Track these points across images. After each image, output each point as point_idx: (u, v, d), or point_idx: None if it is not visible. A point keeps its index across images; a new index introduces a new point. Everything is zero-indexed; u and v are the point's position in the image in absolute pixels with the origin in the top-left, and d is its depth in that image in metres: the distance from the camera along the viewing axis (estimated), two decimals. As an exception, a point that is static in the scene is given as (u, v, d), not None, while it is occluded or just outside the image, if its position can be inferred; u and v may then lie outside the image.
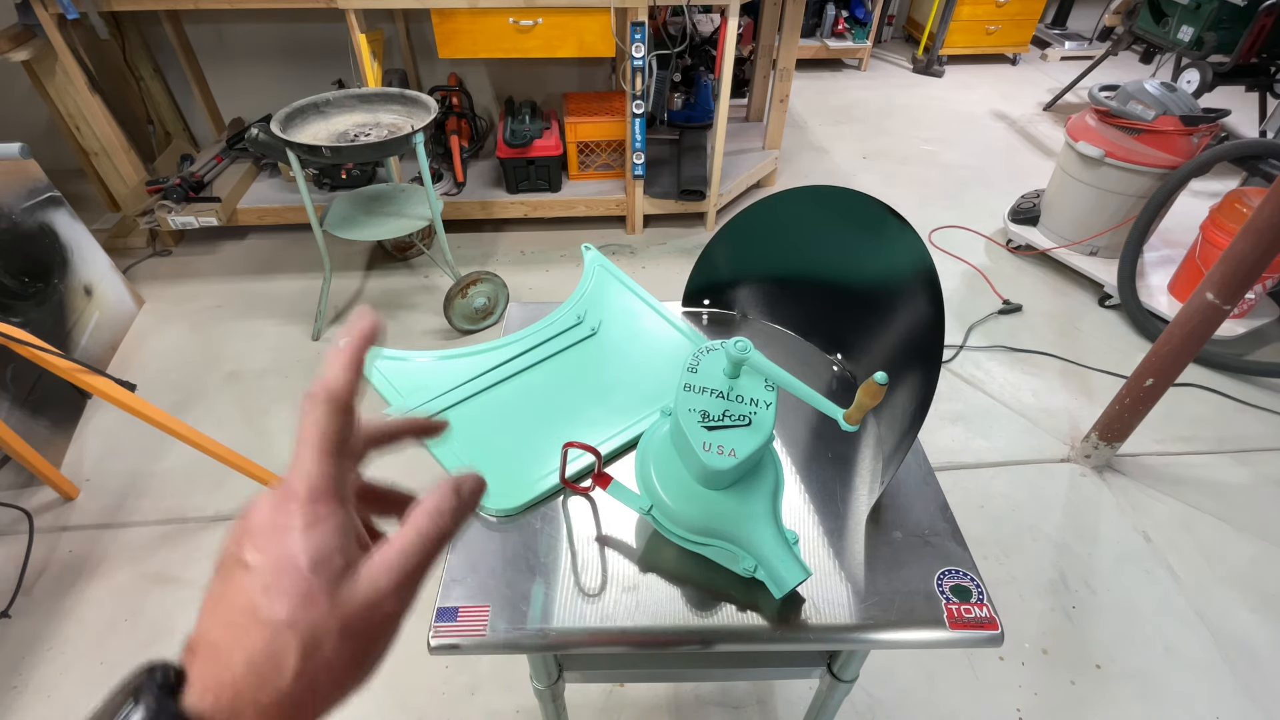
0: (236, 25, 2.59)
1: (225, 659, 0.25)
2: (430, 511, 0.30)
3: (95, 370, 1.34)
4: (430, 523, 0.29)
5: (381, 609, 0.27)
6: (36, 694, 1.29)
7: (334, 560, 0.27)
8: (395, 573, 0.28)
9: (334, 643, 0.26)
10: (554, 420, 0.77)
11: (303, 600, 0.26)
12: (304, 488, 0.27)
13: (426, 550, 0.29)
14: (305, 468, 0.28)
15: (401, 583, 0.28)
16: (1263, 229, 1.31)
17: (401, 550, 0.28)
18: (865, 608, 0.61)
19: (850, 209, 0.76)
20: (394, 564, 0.28)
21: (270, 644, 0.25)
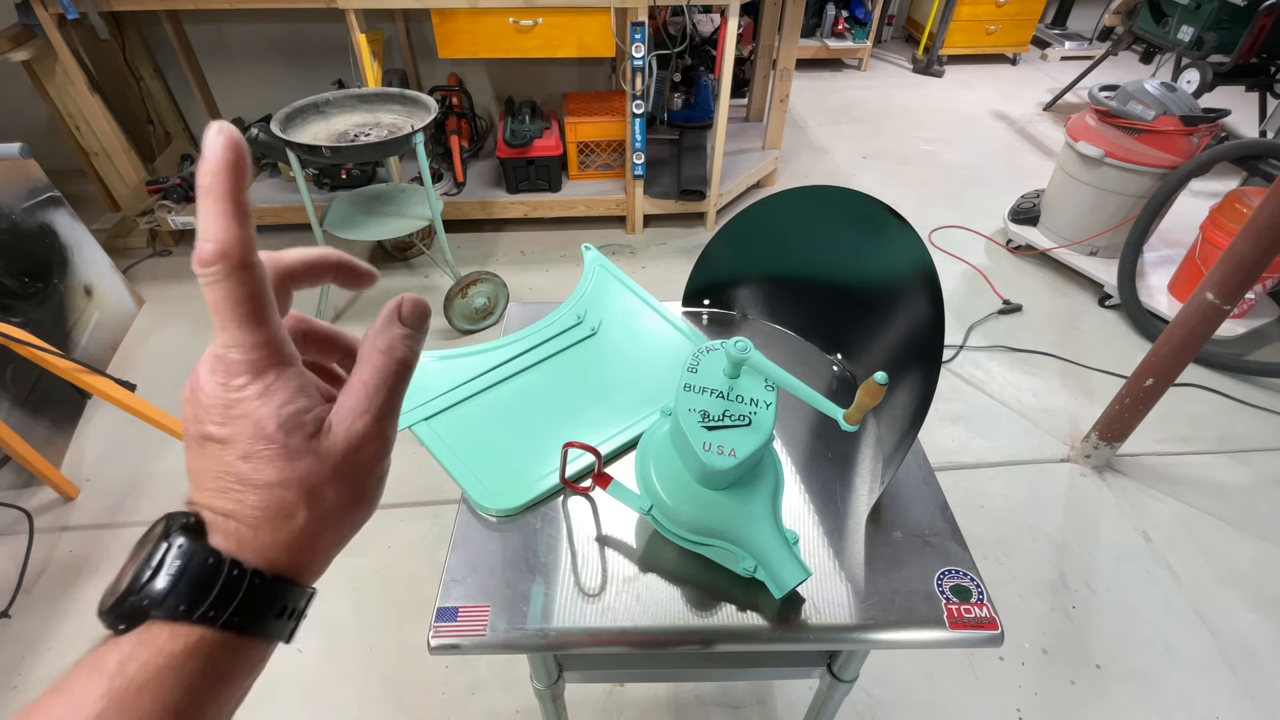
0: (236, 25, 2.59)
1: (235, 515, 0.26)
2: (380, 347, 0.29)
3: (95, 370, 1.34)
4: (384, 356, 0.29)
5: (366, 449, 0.28)
6: (36, 694, 1.28)
7: (302, 420, 0.27)
8: (368, 414, 0.28)
9: (332, 488, 0.27)
10: (554, 420, 0.77)
11: (286, 461, 0.26)
12: (242, 360, 0.26)
13: (391, 384, 0.29)
14: (234, 338, 0.26)
15: (375, 421, 0.28)
16: (1263, 229, 1.31)
17: (365, 389, 0.28)
18: (865, 608, 0.61)
19: (850, 209, 0.76)
20: (362, 406, 0.28)
21: (271, 501, 0.26)
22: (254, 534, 0.26)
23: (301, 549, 0.27)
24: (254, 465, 0.26)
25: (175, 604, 0.25)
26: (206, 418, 0.26)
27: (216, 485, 0.27)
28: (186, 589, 0.25)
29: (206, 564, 0.25)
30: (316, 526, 0.27)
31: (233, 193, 0.24)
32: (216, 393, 0.26)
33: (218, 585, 0.25)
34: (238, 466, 0.26)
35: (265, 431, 0.26)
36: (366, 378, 0.28)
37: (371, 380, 0.28)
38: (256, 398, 0.26)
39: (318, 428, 0.27)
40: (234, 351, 0.26)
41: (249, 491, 0.26)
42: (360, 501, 0.29)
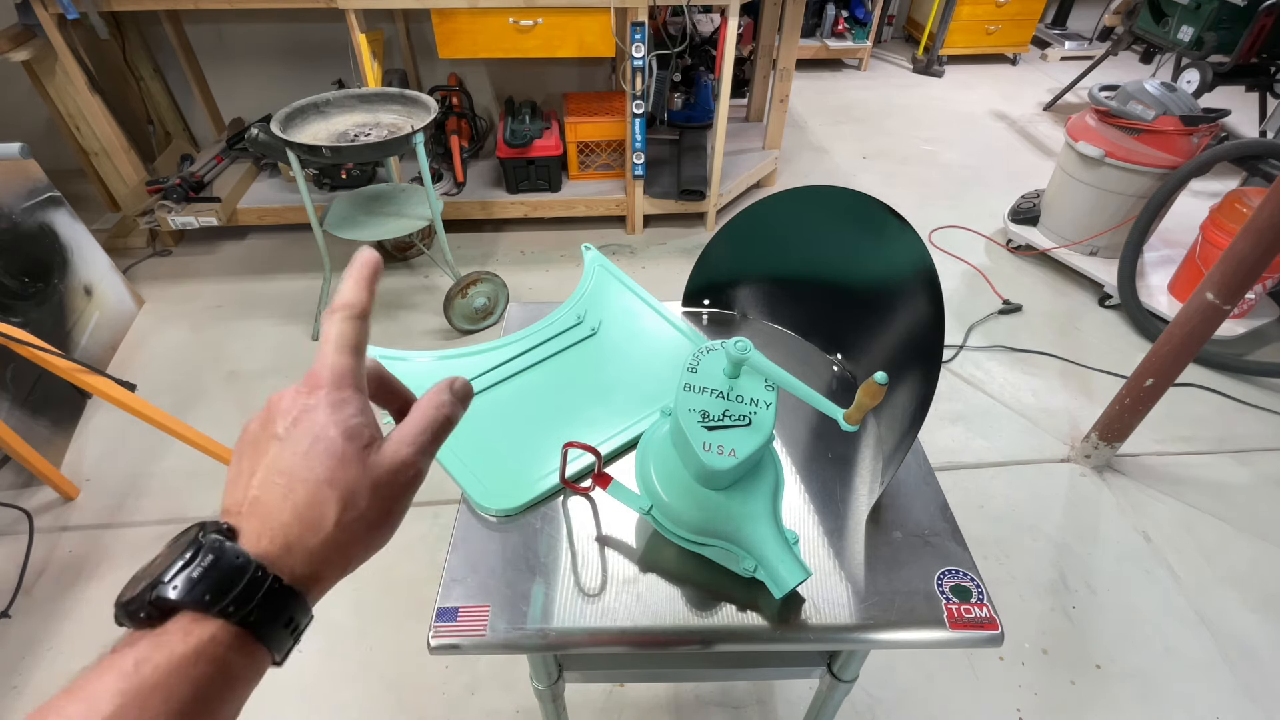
0: (236, 25, 2.59)
1: (273, 512, 0.29)
2: (434, 403, 0.35)
3: (95, 370, 1.34)
4: (435, 411, 0.35)
5: (405, 472, 0.33)
6: (36, 694, 1.29)
7: (362, 432, 0.32)
8: (413, 444, 0.33)
9: (367, 498, 0.31)
10: (554, 420, 0.77)
11: (339, 462, 0.30)
12: (328, 375, 0.32)
13: (435, 432, 0.34)
14: (329, 360, 0.33)
15: (417, 454, 0.33)
16: (1263, 229, 1.31)
17: (416, 428, 0.34)
18: (865, 608, 0.61)
19: (850, 209, 0.76)
20: (411, 439, 0.33)
21: (313, 497, 0.30)
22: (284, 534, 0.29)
23: (322, 560, 0.30)
24: (308, 461, 0.30)
25: (202, 593, 0.27)
26: (279, 419, 0.31)
27: (266, 479, 0.30)
28: (215, 580, 0.27)
29: (236, 562, 0.28)
30: (343, 535, 0.30)
31: (368, 277, 0.35)
32: (295, 400, 0.32)
33: (242, 582, 0.27)
34: (293, 461, 0.30)
35: (328, 434, 0.31)
36: (418, 419, 0.35)
37: (421, 421, 0.34)
38: (327, 407, 0.31)
39: (370, 443, 0.32)
40: (325, 370, 0.32)
41: (296, 485, 0.30)
42: (384, 523, 0.32)
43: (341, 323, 0.34)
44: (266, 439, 0.31)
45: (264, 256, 2.45)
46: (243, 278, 2.35)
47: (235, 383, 1.94)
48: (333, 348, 0.33)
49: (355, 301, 0.35)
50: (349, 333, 0.34)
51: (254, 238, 2.54)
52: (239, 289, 2.30)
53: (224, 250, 2.48)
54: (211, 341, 2.09)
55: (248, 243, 2.52)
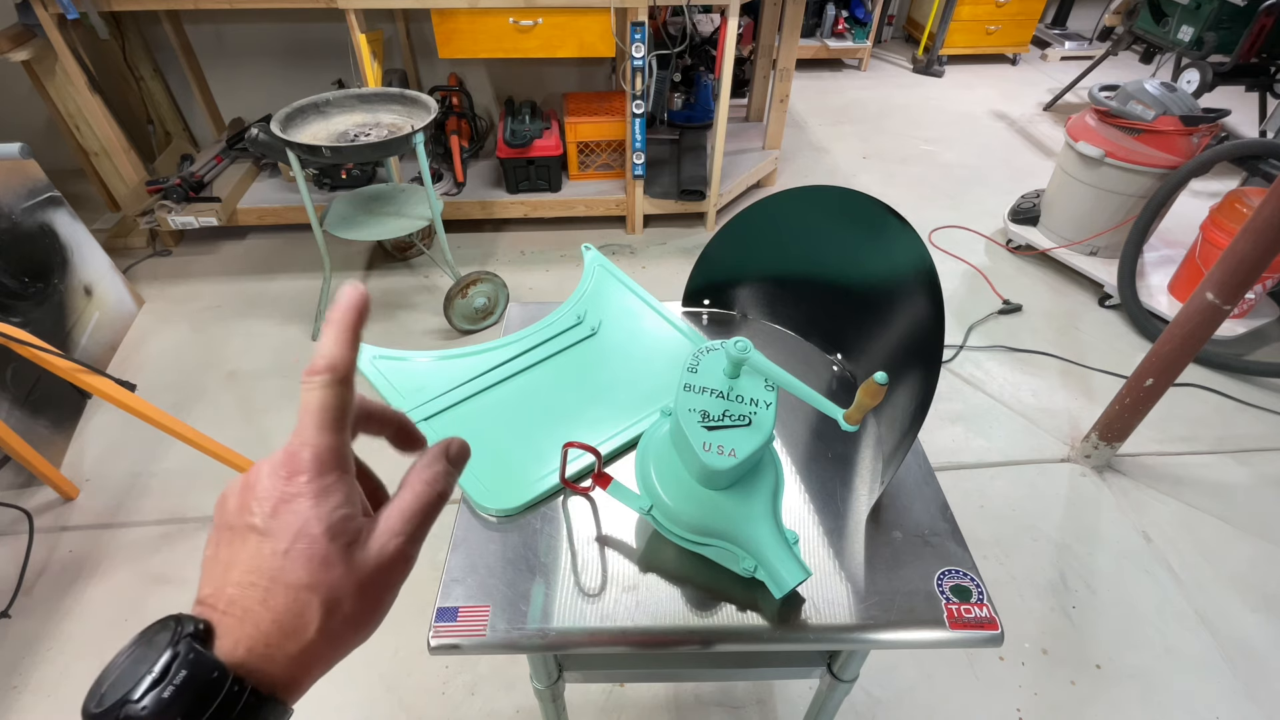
0: (236, 25, 2.59)
1: (252, 616, 0.27)
2: (425, 478, 0.32)
3: (95, 370, 1.34)
4: (426, 488, 0.32)
5: (393, 568, 0.30)
6: (36, 694, 1.29)
7: (346, 528, 0.29)
8: (401, 536, 0.30)
9: (352, 601, 0.29)
10: (554, 420, 0.77)
11: (321, 565, 0.28)
12: (310, 458, 0.29)
13: (426, 513, 0.32)
14: (310, 438, 0.29)
15: (407, 544, 0.31)
16: (1263, 229, 1.31)
17: (404, 514, 0.31)
18: (865, 608, 0.61)
19: (850, 209, 0.76)
20: (399, 528, 0.30)
21: (294, 604, 0.27)
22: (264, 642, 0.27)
23: (301, 665, 0.28)
24: (290, 563, 0.27)
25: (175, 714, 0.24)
26: (257, 509, 0.28)
27: (244, 579, 0.27)
28: (190, 699, 0.25)
29: (210, 676, 0.25)
30: (324, 643, 0.28)
31: (351, 327, 0.31)
32: (275, 486, 0.29)
33: (218, 699, 0.25)
34: (273, 562, 0.27)
35: (310, 531, 0.28)
36: (406, 504, 0.31)
37: (410, 506, 0.31)
38: (311, 496, 0.28)
39: (356, 538, 0.29)
40: (306, 451, 0.29)
41: (277, 590, 0.27)
42: (369, 620, 0.30)
43: (321, 390, 0.29)
44: (244, 528, 0.28)
45: (264, 256, 2.45)
46: (243, 278, 2.35)
47: (235, 383, 1.94)
48: (313, 423, 0.29)
49: (336, 362, 0.30)
50: (330, 403, 0.29)
51: (254, 238, 2.54)
52: (239, 289, 2.30)
53: (224, 250, 2.48)
54: (211, 341, 2.09)
55: (248, 243, 2.52)
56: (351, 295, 0.31)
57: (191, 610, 0.28)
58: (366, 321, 0.32)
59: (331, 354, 0.30)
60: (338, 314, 0.31)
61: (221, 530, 0.29)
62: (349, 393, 0.30)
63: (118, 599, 1.43)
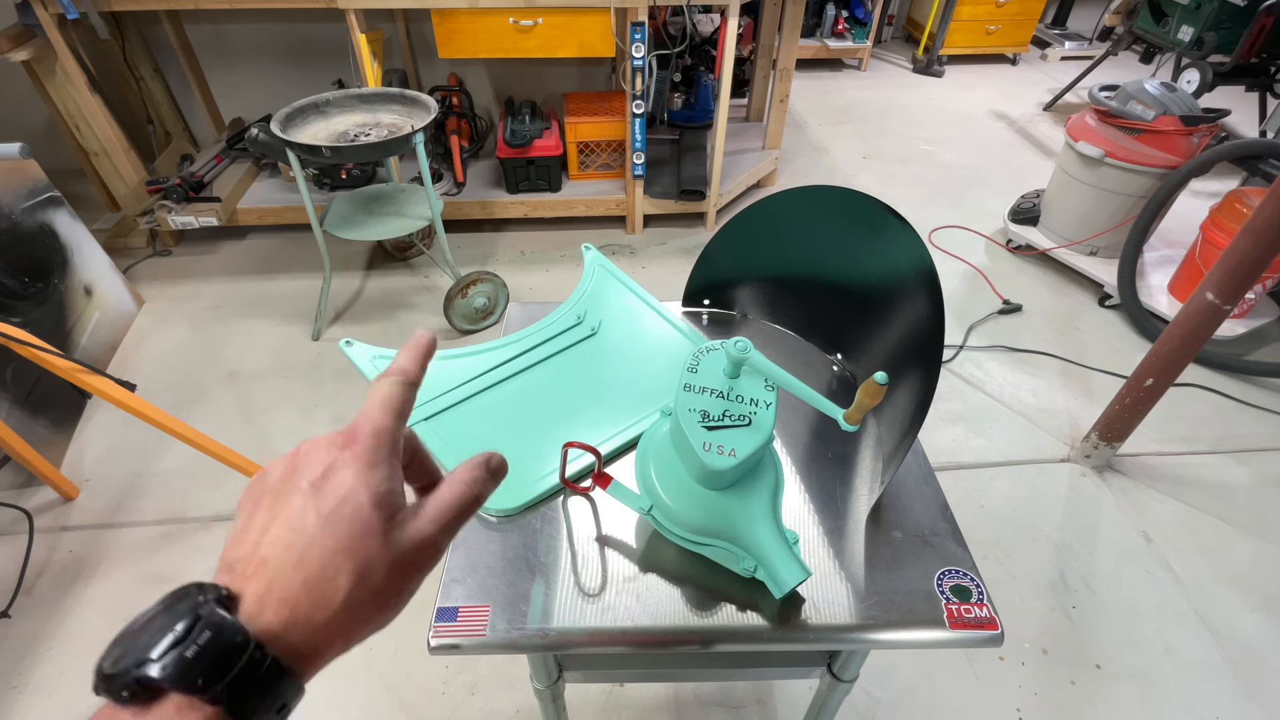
0: (236, 25, 2.59)
1: (282, 579, 0.27)
2: (465, 479, 0.34)
3: (95, 370, 1.34)
4: (466, 488, 0.34)
5: (425, 552, 0.31)
6: (36, 694, 1.29)
7: (392, 501, 0.30)
8: (438, 523, 0.32)
9: (382, 574, 0.29)
10: (554, 420, 0.77)
11: (362, 531, 0.28)
12: (370, 431, 0.31)
13: (462, 510, 0.33)
14: (373, 416, 0.32)
15: (442, 532, 0.32)
16: (1263, 229, 1.31)
17: (442, 506, 0.32)
18: (865, 608, 0.61)
19: (850, 209, 0.76)
20: (437, 516, 0.32)
21: (327, 567, 0.28)
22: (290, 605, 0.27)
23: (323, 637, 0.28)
24: (331, 525, 0.28)
25: (195, 677, 0.24)
26: (305, 473, 0.30)
27: (282, 538, 0.28)
28: (210, 662, 0.24)
29: (235, 641, 0.25)
30: (351, 612, 0.28)
31: (425, 353, 0.36)
32: (328, 451, 0.30)
33: (239, 664, 0.25)
34: (315, 522, 0.28)
35: (357, 498, 0.29)
36: (446, 496, 0.33)
37: (448, 500, 0.33)
38: (362, 465, 0.30)
39: (396, 515, 0.30)
40: (367, 425, 0.31)
41: (313, 551, 0.28)
42: (394, 602, 0.30)
43: (391, 385, 0.34)
44: (289, 490, 0.29)
45: (264, 256, 2.45)
46: (243, 278, 2.35)
47: (235, 383, 1.94)
48: (378, 406, 0.32)
49: (408, 369, 0.35)
50: (396, 396, 0.33)
51: (254, 238, 2.54)
52: (239, 289, 2.30)
53: (224, 250, 2.48)
54: (211, 341, 2.09)
55: (248, 243, 2.52)
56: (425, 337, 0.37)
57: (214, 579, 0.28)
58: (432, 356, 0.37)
59: (404, 363, 0.35)
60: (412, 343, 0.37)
61: (261, 493, 0.30)
62: (411, 395, 0.34)
63: (118, 599, 1.43)
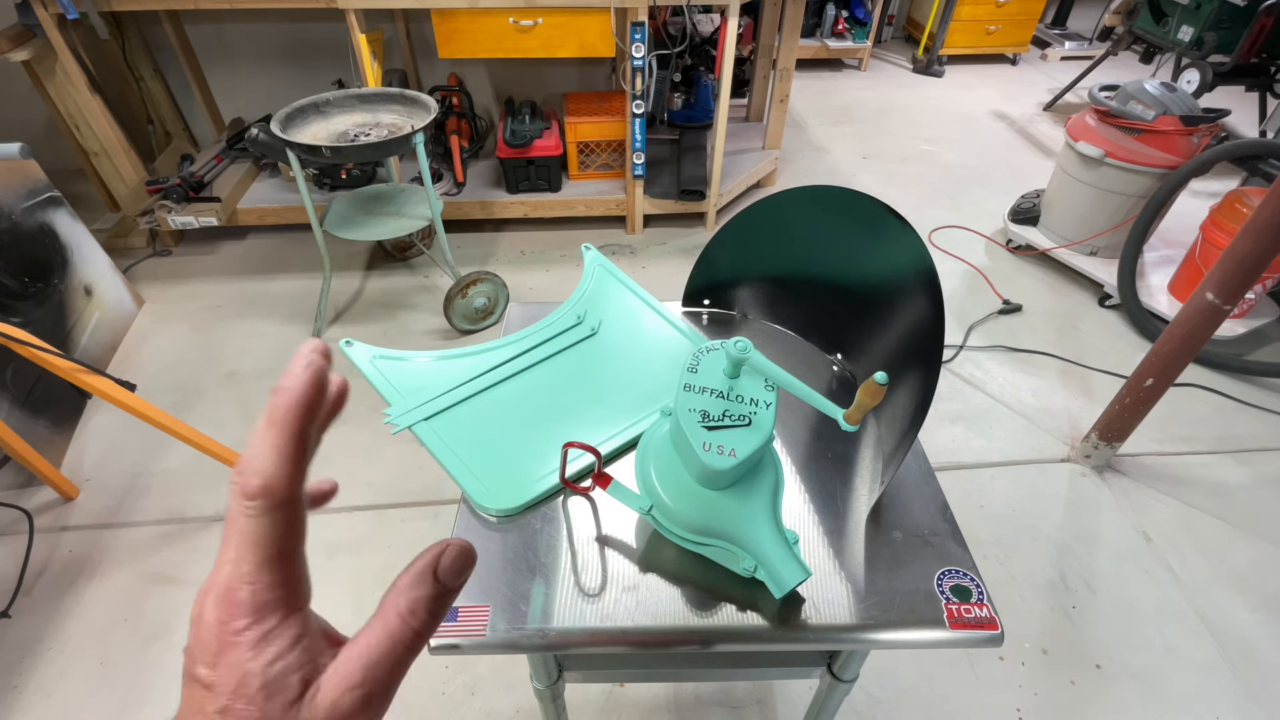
0: (236, 25, 2.59)
1: None
2: (403, 610, 0.25)
3: (95, 370, 1.34)
4: (400, 622, 0.25)
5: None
6: (36, 694, 1.29)
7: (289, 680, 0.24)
8: (360, 689, 0.24)
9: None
10: (554, 420, 0.77)
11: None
12: (248, 599, 0.24)
13: (397, 657, 0.25)
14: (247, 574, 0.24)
15: (367, 698, 0.24)
16: (1263, 229, 1.31)
17: (367, 659, 0.25)
18: (865, 608, 0.61)
19: (850, 209, 0.76)
20: (358, 679, 0.24)
21: None
22: None
23: None
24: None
25: None
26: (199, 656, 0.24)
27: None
28: None
29: None
30: None
31: (298, 430, 0.24)
32: (214, 631, 0.24)
33: None
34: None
35: (248, 689, 0.23)
36: (371, 644, 0.25)
37: (376, 649, 0.25)
38: (250, 646, 0.24)
39: (304, 690, 0.24)
40: (244, 590, 0.24)
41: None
42: None
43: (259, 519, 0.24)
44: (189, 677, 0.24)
45: (264, 256, 2.45)
46: (243, 278, 2.35)
47: (235, 383, 1.94)
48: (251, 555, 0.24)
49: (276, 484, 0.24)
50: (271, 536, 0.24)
51: (254, 238, 2.54)
52: (239, 289, 2.30)
53: (224, 250, 2.48)
54: (211, 341, 2.09)
55: (248, 243, 2.52)
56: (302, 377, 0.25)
57: None
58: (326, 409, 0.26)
59: (267, 471, 0.24)
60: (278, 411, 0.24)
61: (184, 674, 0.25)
62: (296, 513, 0.25)
63: (118, 599, 1.43)
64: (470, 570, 0.27)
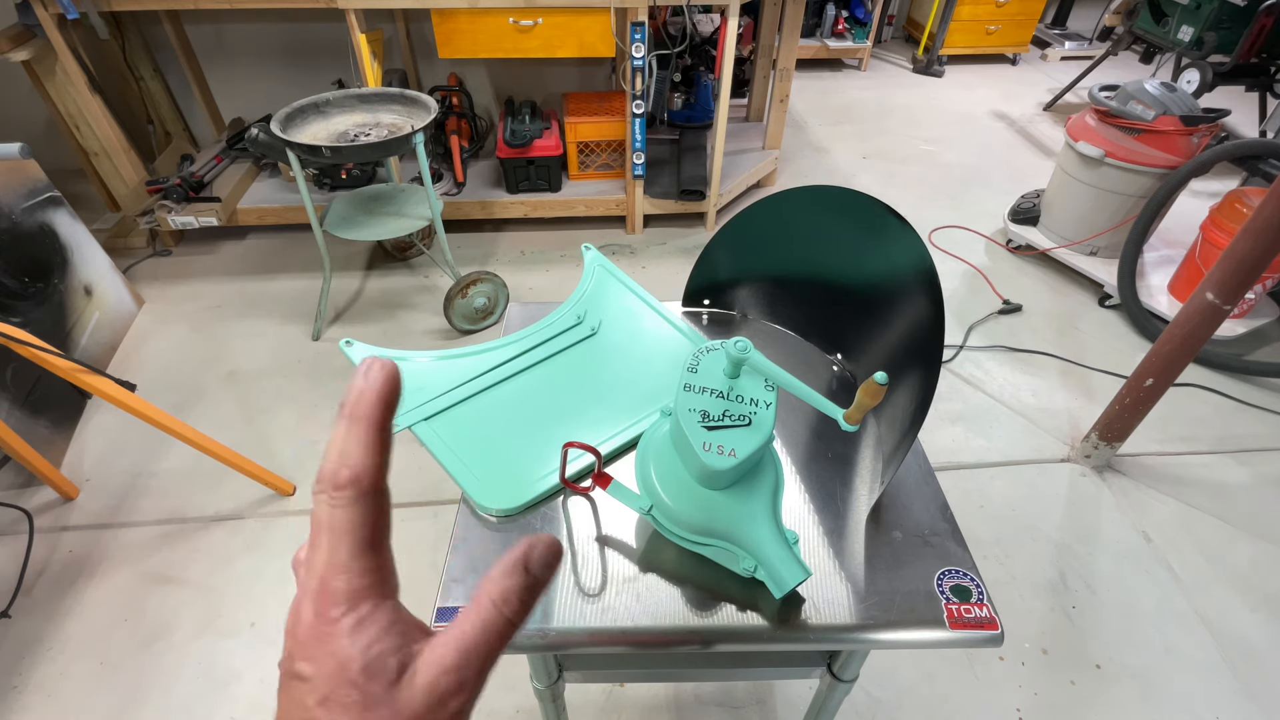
0: (236, 25, 2.59)
1: None
2: (495, 595, 0.27)
3: (95, 370, 1.34)
4: (494, 611, 0.26)
5: (445, 709, 0.25)
6: (36, 694, 1.29)
7: (388, 663, 0.25)
8: (458, 670, 0.25)
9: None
10: (554, 420, 0.77)
11: (360, 709, 0.24)
12: (344, 586, 0.25)
13: (491, 643, 0.26)
14: (342, 563, 0.25)
15: (462, 681, 0.25)
16: (1263, 229, 1.31)
17: (462, 644, 0.26)
18: (865, 608, 0.61)
19: (850, 209, 0.76)
20: (453, 662, 0.25)
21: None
22: None
23: None
24: (329, 712, 0.24)
25: None
26: (299, 653, 0.25)
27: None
28: None
29: None
30: None
31: (380, 423, 0.26)
32: (312, 625, 0.25)
33: None
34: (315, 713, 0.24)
35: (348, 674, 0.24)
36: (466, 630, 0.26)
37: (471, 634, 0.26)
38: (348, 633, 0.25)
39: (401, 672, 0.25)
40: (339, 579, 0.25)
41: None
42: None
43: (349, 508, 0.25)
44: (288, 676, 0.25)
45: (264, 256, 2.45)
46: (243, 278, 2.35)
47: (235, 383, 1.94)
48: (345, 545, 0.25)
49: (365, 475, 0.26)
50: (361, 521, 0.26)
51: (254, 238, 2.54)
52: (239, 289, 2.30)
53: (224, 250, 2.48)
54: (211, 341, 2.09)
55: (248, 243, 2.52)
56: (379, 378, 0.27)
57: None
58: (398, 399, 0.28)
59: (357, 462, 0.26)
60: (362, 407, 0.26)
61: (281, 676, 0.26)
62: (383, 502, 0.26)
63: (118, 599, 1.43)
64: (558, 563, 0.28)
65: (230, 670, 1.32)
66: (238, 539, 1.54)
